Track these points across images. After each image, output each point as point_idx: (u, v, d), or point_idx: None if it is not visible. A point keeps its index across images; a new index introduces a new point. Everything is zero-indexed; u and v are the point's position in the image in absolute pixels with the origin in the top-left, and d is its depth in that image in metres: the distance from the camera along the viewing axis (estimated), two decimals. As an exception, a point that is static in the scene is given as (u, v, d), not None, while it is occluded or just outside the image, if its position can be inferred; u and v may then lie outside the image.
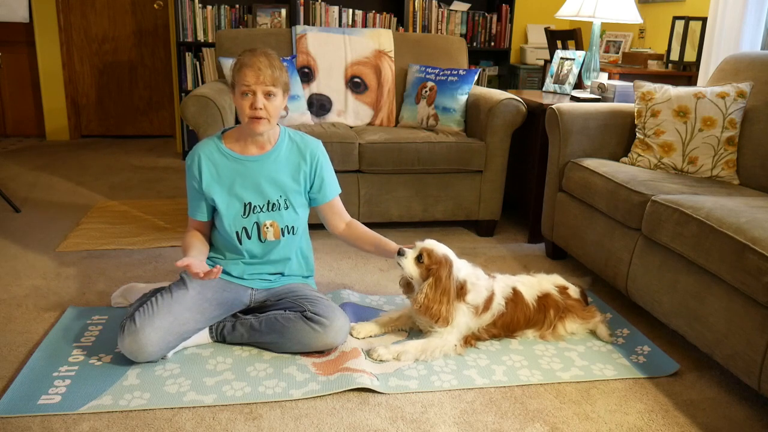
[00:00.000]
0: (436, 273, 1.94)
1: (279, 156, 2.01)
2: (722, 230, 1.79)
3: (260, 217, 1.99)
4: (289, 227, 2.03)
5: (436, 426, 1.66)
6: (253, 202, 1.98)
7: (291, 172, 2.02)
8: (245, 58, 1.89)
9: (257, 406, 1.71)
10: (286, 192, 2.01)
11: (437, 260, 1.96)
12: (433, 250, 1.97)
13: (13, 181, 3.95)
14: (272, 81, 1.87)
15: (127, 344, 1.80)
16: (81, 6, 5.19)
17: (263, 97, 1.87)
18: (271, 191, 1.99)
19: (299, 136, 2.07)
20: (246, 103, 1.88)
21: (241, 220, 1.98)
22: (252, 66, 1.86)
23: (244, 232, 1.99)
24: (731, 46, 3.43)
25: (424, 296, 1.93)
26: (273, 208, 2.00)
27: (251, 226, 1.99)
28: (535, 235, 3.13)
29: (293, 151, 2.03)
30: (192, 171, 1.98)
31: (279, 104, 1.93)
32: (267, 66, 1.86)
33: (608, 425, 1.69)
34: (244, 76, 1.86)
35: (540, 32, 5.05)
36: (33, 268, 2.59)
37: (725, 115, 2.48)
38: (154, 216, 3.32)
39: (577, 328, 2.14)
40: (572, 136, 2.71)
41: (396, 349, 1.95)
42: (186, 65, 4.62)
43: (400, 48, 3.50)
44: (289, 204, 2.02)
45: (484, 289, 2.03)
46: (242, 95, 1.88)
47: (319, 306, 1.95)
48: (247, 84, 1.86)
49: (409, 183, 3.05)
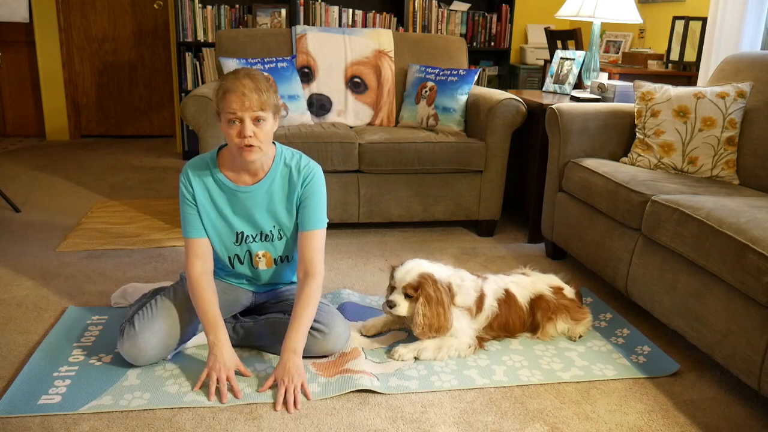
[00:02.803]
0: (424, 292, 1.93)
1: (272, 185, 1.87)
2: (722, 230, 1.79)
3: (252, 247, 1.92)
4: (283, 257, 1.97)
5: (436, 426, 1.66)
6: (246, 231, 1.90)
7: (284, 201, 1.89)
8: (228, 82, 1.71)
9: (257, 406, 1.71)
10: (279, 223, 1.91)
11: (417, 284, 1.94)
12: (410, 282, 1.94)
13: (13, 181, 3.95)
14: (260, 105, 1.70)
15: (127, 348, 1.80)
16: (81, 6, 5.19)
17: (252, 124, 1.71)
18: (264, 222, 1.90)
19: (296, 160, 1.89)
20: (234, 131, 1.72)
21: (233, 247, 1.92)
22: (236, 91, 1.68)
23: (236, 259, 1.95)
24: (731, 46, 3.43)
25: (422, 317, 1.92)
26: (266, 238, 1.92)
27: (243, 253, 1.93)
28: (535, 235, 3.13)
29: (287, 178, 1.88)
30: (185, 194, 1.85)
31: (270, 129, 1.76)
32: (252, 90, 1.69)
33: (608, 425, 1.69)
34: (229, 103, 1.69)
35: (540, 32, 5.05)
36: (33, 268, 2.59)
37: (725, 115, 2.48)
38: (154, 216, 3.32)
39: (568, 329, 2.13)
40: (572, 136, 2.71)
41: (415, 347, 1.96)
42: (186, 65, 4.62)
43: (400, 48, 3.50)
44: (283, 234, 1.92)
45: (471, 290, 2.02)
46: (229, 123, 1.72)
47: (319, 312, 1.90)
48: (233, 111, 1.69)
49: (409, 183, 3.05)
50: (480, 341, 2.03)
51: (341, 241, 3.03)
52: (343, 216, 3.02)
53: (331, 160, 2.90)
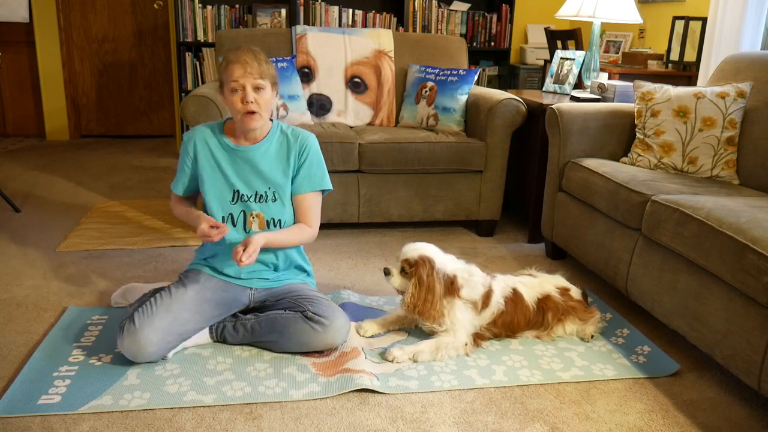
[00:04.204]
0: (417, 273, 1.98)
1: (269, 149, 2.02)
2: (722, 230, 1.79)
3: (248, 206, 2.01)
4: (276, 220, 2.03)
5: (436, 426, 1.66)
6: (242, 190, 2.01)
7: (281, 164, 2.02)
8: (230, 54, 1.93)
9: (257, 406, 1.71)
10: (274, 185, 2.02)
11: (414, 263, 1.99)
12: (409, 258, 2.01)
13: (13, 181, 3.95)
14: (260, 73, 1.90)
15: (127, 345, 1.80)
16: (81, 6, 5.19)
17: (253, 91, 1.89)
18: (258, 183, 2.01)
19: (291, 129, 2.07)
20: (236, 98, 1.90)
21: (229, 206, 2.01)
22: (238, 61, 1.89)
23: (230, 219, 2.01)
24: (731, 46, 3.43)
25: (410, 296, 1.98)
26: (260, 199, 2.02)
27: (238, 213, 2.01)
28: (535, 235, 3.13)
29: (284, 143, 2.04)
30: (187, 149, 2.02)
31: (269, 98, 1.95)
32: (253, 59, 1.89)
33: (608, 425, 1.69)
34: (232, 72, 1.89)
35: (540, 32, 5.05)
36: (33, 268, 2.59)
37: (725, 115, 2.48)
38: (154, 216, 3.32)
39: (577, 330, 2.14)
40: (572, 136, 2.71)
41: (411, 350, 1.96)
42: (186, 65, 4.63)
43: (400, 48, 3.50)
44: (277, 197, 2.02)
45: (479, 285, 2.03)
46: (232, 92, 1.91)
47: (319, 306, 1.95)
48: (235, 79, 1.88)
49: (409, 183, 3.05)
50: (479, 340, 2.03)
51: (341, 241, 3.03)
52: (343, 216, 3.02)
53: (331, 160, 2.90)
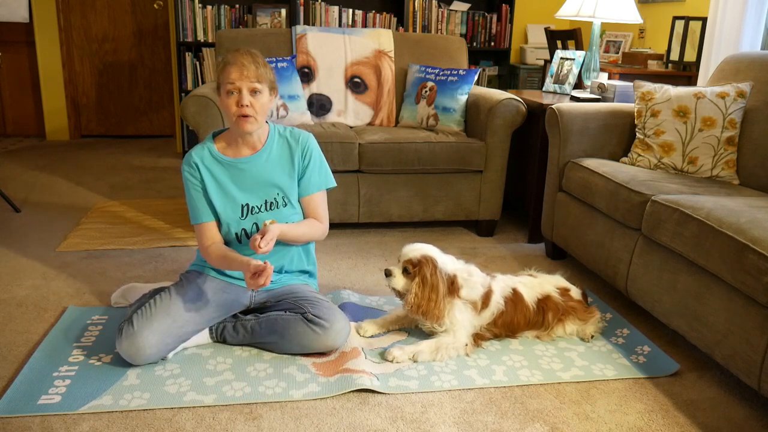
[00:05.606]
0: (420, 272, 1.97)
1: (271, 154, 2.00)
2: (722, 230, 1.79)
3: (258, 218, 1.98)
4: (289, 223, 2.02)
5: (436, 426, 1.66)
6: (251, 203, 1.98)
7: (286, 168, 2.01)
8: (228, 56, 1.88)
9: (257, 406, 1.71)
10: (282, 189, 2.00)
11: (417, 262, 1.99)
12: (411, 258, 2.00)
13: (13, 181, 3.95)
14: (257, 77, 1.86)
15: (125, 347, 1.80)
16: (81, 6, 5.19)
17: (249, 94, 1.86)
18: (267, 191, 1.99)
19: (288, 131, 2.05)
20: (232, 101, 1.86)
21: (239, 222, 1.98)
22: (235, 63, 1.85)
23: (243, 233, 1.99)
24: (731, 46, 3.43)
25: (414, 296, 1.96)
26: (271, 206, 2.00)
27: (250, 227, 1.99)
28: (535, 235, 3.13)
29: (284, 146, 2.02)
30: (191, 177, 1.96)
31: (265, 102, 1.90)
32: (251, 62, 1.85)
33: (608, 425, 1.69)
34: (228, 74, 1.85)
35: (540, 32, 5.05)
36: (33, 268, 2.59)
37: (725, 115, 2.48)
38: (154, 216, 3.32)
39: (577, 330, 2.14)
40: (572, 136, 2.71)
41: (411, 350, 1.96)
42: (186, 65, 4.63)
43: (400, 48, 3.50)
44: (287, 201, 2.01)
45: (479, 285, 2.03)
46: (228, 94, 1.86)
47: (320, 308, 1.94)
48: (232, 81, 1.85)
49: (409, 183, 3.05)
50: (478, 340, 2.03)
51: (341, 241, 3.03)
52: (343, 216, 3.02)
53: (331, 160, 2.90)
